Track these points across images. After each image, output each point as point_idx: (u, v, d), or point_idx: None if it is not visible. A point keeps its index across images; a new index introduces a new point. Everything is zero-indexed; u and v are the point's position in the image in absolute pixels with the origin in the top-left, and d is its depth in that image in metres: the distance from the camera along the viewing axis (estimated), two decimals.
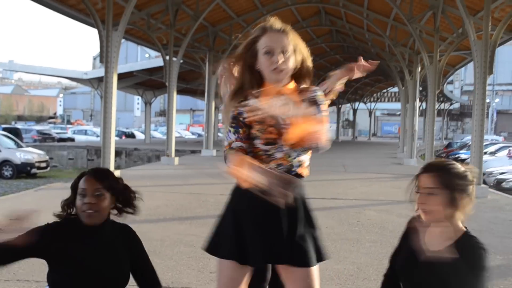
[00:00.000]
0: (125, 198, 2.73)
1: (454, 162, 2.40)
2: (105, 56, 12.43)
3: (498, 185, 16.13)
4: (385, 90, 62.63)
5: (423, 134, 25.62)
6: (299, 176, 2.53)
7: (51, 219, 2.69)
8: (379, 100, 64.22)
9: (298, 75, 2.62)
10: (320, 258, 2.55)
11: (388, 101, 68.12)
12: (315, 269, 2.52)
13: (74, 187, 2.66)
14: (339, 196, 11.03)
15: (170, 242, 6.42)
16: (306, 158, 2.56)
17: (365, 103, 59.59)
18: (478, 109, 11.83)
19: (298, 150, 2.48)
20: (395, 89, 52.19)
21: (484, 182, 16.91)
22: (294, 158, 2.50)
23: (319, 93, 2.60)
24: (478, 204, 8.98)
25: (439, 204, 2.30)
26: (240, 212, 2.48)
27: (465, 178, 2.33)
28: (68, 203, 2.69)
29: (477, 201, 7.74)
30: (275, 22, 2.63)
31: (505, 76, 69.42)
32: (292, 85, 2.59)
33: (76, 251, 2.57)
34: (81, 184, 2.62)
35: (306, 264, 2.48)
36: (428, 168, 2.38)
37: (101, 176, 2.66)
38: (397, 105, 50.71)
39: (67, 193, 2.79)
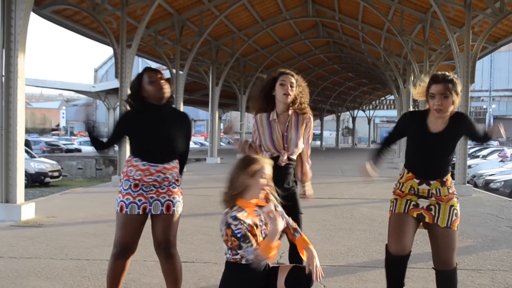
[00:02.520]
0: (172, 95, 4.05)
1: (450, 73, 3.66)
2: (120, 72, 13.57)
3: (486, 185, 17.04)
4: (383, 98, 63.66)
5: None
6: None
7: (82, 216, 3.82)
8: (377, 107, 65.22)
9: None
10: None
11: (387, 108, 69.18)
12: None
13: (139, 80, 3.91)
14: (336, 196, 12.11)
15: (189, 232, 7.51)
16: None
17: (364, 110, 60.59)
18: None
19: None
20: (393, 97, 53.24)
21: (475, 184, 17.98)
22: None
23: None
24: (461, 201, 10.23)
25: (450, 103, 3.56)
26: None
27: (459, 84, 3.62)
28: (134, 95, 3.94)
29: (462, 199, 9.18)
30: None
31: (501, 82, 70.27)
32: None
33: (146, 121, 3.85)
34: (149, 75, 3.89)
35: None
36: (440, 79, 3.56)
37: (159, 71, 3.97)
38: (395, 112, 51.79)
39: (89, 196, 4.12)
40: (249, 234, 3.17)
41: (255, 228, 3.24)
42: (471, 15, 13.04)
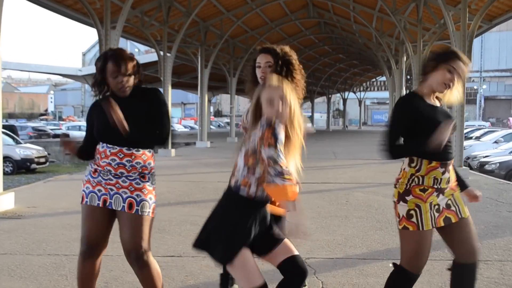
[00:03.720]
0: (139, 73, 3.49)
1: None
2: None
3: (481, 167, 16.78)
4: (374, 79, 63.32)
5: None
6: None
7: (64, 206, 3.40)
8: (368, 89, 64.92)
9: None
10: None
11: (378, 90, 68.80)
12: None
13: (102, 70, 3.36)
14: (330, 181, 11.74)
15: (177, 222, 7.11)
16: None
17: (354, 92, 60.28)
18: None
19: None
20: (384, 78, 52.93)
21: (469, 166, 17.69)
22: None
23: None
24: None
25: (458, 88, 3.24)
26: None
27: None
28: (98, 83, 3.41)
29: None
30: (273, 79, 3.01)
31: (492, 62, 70.10)
32: None
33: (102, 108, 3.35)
34: (112, 68, 3.33)
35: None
36: (465, 61, 3.20)
37: (125, 60, 3.36)
38: (386, 94, 51.49)
39: (74, 184, 3.61)
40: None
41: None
42: None
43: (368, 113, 79.61)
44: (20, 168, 21.80)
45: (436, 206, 3.17)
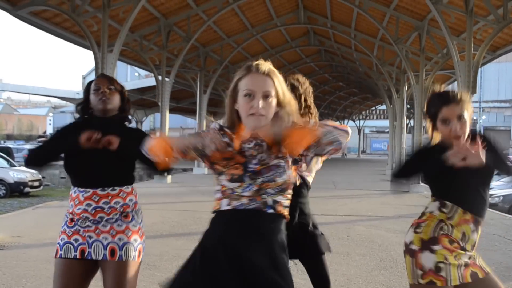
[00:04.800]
0: (126, 103, 3.25)
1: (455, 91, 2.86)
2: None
3: None
4: (373, 108, 63.26)
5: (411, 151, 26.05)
6: (279, 215, 2.31)
7: (52, 236, 3.03)
8: (367, 117, 64.81)
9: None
10: None
11: (377, 118, 68.71)
12: None
13: (87, 90, 3.16)
14: (329, 212, 11.33)
15: (169, 257, 6.70)
16: (283, 199, 2.31)
17: (354, 120, 60.15)
18: None
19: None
20: (384, 107, 52.76)
21: None
22: (268, 196, 2.27)
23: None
24: None
25: (467, 125, 2.79)
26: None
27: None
28: (82, 105, 3.19)
29: None
30: (261, 64, 2.43)
31: (491, 93, 70.20)
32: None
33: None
34: (95, 82, 3.14)
35: None
36: (451, 99, 2.77)
37: (111, 79, 3.23)
38: (385, 123, 51.28)
39: (64, 211, 3.18)
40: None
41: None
42: (473, 22, 12.39)
43: (367, 141, 79.34)
44: (13, 192, 21.42)
45: (461, 260, 2.75)
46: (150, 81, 30.77)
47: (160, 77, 18.80)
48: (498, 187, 17.57)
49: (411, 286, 2.82)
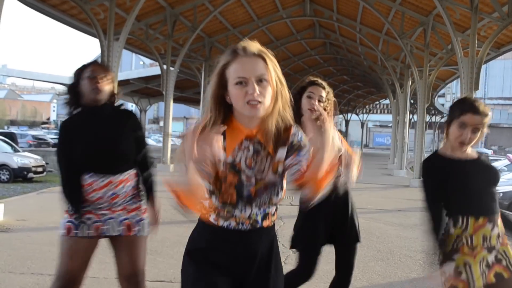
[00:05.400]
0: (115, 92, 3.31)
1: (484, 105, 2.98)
2: (106, 65, 12.87)
3: None
4: (377, 102, 63.24)
5: (414, 146, 26.18)
6: (268, 228, 2.19)
7: (55, 220, 3.14)
8: (371, 111, 64.80)
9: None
10: None
11: (380, 112, 68.74)
12: None
13: (78, 74, 3.19)
14: None
15: (170, 243, 6.84)
16: (272, 209, 2.18)
17: (357, 114, 60.14)
18: None
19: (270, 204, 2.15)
20: (387, 101, 52.77)
21: None
22: (258, 215, 2.13)
23: (300, 135, 2.18)
24: None
25: (479, 136, 2.92)
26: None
27: None
28: (73, 88, 3.23)
29: None
30: (249, 45, 2.07)
31: (496, 90, 70.19)
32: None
33: (82, 129, 3.13)
34: (91, 70, 3.16)
35: None
36: (478, 110, 2.88)
37: (106, 68, 3.30)
38: (389, 117, 51.29)
39: None
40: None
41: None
42: (477, 18, 12.44)
43: (370, 135, 79.38)
44: (17, 177, 21.53)
45: (486, 262, 2.86)
46: (155, 70, 30.85)
47: (165, 67, 18.90)
48: (499, 184, 17.62)
49: None
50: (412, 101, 29.22)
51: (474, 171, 2.89)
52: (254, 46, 2.06)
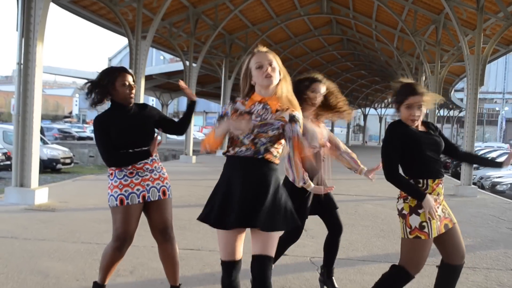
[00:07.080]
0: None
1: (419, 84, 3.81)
2: (134, 63, 13.83)
3: (493, 187, 17.12)
4: None
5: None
6: (268, 160, 3.16)
7: (93, 202, 3.95)
8: (389, 106, 65.04)
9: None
10: (282, 227, 3.18)
11: None
12: (274, 235, 3.15)
13: (110, 76, 3.98)
14: (342, 192, 12.27)
15: (196, 222, 7.66)
16: (273, 148, 3.16)
17: (375, 108, 60.56)
18: (470, 117, 13.06)
19: (265, 140, 3.13)
20: None
21: (482, 186, 18.05)
22: (261, 145, 3.12)
23: (299, 116, 3.22)
24: (466, 201, 10.47)
25: (423, 113, 3.71)
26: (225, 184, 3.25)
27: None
28: (101, 88, 4.02)
29: (466, 200, 9.57)
30: (261, 47, 3.30)
31: None
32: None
33: (122, 122, 3.97)
34: (123, 77, 3.98)
35: (267, 229, 3.09)
36: (417, 91, 3.65)
37: (132, 74, 4.12)
38: None
39: (100, 183, 4.23)
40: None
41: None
42: (483, 18, 13.13)
43: None
44: (46, 168, 22.59)
45: (438, 216, 3.64)
46: (176, 66, 31.78)
47: (187, 63, 19.81)
48: (508, 175, 18.16)
49: (402, 240, 3.69)
50: None
51: (427, 142, 3.67)
52: (264, 48, 3.29)
